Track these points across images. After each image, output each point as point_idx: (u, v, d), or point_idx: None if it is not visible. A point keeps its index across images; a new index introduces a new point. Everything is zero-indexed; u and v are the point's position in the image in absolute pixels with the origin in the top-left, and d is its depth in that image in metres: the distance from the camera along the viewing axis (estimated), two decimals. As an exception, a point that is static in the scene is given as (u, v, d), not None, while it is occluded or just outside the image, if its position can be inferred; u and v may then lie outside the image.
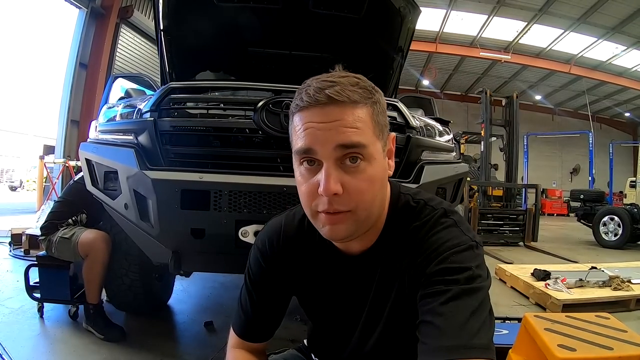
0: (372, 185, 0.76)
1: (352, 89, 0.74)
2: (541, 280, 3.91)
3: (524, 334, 1.75)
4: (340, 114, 0.73)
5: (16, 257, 4.65)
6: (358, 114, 0.74)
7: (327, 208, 0.75)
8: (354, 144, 0.73)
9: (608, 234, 8.32)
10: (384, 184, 0.82)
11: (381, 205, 0.83)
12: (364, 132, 0.74)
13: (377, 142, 0.77)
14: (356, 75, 0.79)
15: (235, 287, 3.72)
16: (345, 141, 0.72)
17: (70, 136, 9.83)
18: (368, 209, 0.78)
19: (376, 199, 0.79)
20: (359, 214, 0.77)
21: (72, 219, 2.70)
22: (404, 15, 2.95)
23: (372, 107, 0.76)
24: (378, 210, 0.82)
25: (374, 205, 0.79)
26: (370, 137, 0.75)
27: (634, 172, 9.61)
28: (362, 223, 0.79)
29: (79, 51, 9.95)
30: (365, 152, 0.74)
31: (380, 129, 0.78)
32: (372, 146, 0.75)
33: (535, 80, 19.98)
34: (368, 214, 0.79)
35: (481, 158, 9.33)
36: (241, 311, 1.00)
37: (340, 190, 0.73)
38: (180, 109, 2.13)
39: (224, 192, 1.85)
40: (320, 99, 0.73)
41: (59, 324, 2.69)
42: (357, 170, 0.74)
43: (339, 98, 0.72)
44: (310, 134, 0.74)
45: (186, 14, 2.96)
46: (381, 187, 0.81)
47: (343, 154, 0.73)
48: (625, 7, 12.71)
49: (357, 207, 0.76)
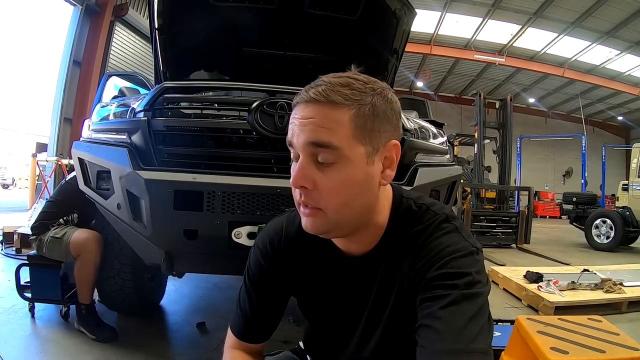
0: (346, 188, 0.76)
1: (338, 89, 0.74)
2: (533, 282, 3.92)
3: (517, 337, 1.75)
4: (316, 113, 0.74)
5: (8, 255, 4.60)
6: (334, 115, 0.74)
7: (298, 200, 0.79)
8: (323, 143, 0.73)
9: (600, 236, 8.40)
10: (366, 190, 0.79)
11: (364, 211, 0.81)
12: (336, 134, 0.73)
13: (358, 146, 0.75)
14: (353, 76, 0.77)
15: (228, 288, 3.71)
16: (313, 139, 0.74)
17: (63, 134, 9.77)
18: (339, 211, 0.77)
19: (353, 204, 0.78)
20: (329, 215, 0.77)
21: (64, 219, 2.67)
22: (400, 17, 2.95)
23: (356, 109, 0.74)
24: (359, 215, 0.81)
25: (348, 209, 0.78)
26: (346, 140, 0.74)
27: (626, 175, 9.66)
28: (338, 224, 0.79)
29: (73, 49, 9.91)
30: (338, 154, 0.74)
31: (367, 133, 0.76)
32: (347, 149, 0.74)
33: (529, 83, 20.12)
34: (341, 216, 0.78)
35: (474, 160, 9.36)
36: (239, 312, 1.00)
37: (307, 185, 0.75)
38: (174, 108, 2.12)
39: (217, 193, 1.84)
40: (305, 97, 0.75)
41: (51, 324, 2.67)
42: (329, 170, 0.75)
43: (317, 98, 0.74)
44: (291, 129, 0.78)
45: (181, 13, 2.95)
46: (361, 193, 0.78)
47: (315, 152, 0.75)
48: (620, 11, 12.81)
49: (327, 207, 0.76)
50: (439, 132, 2.47)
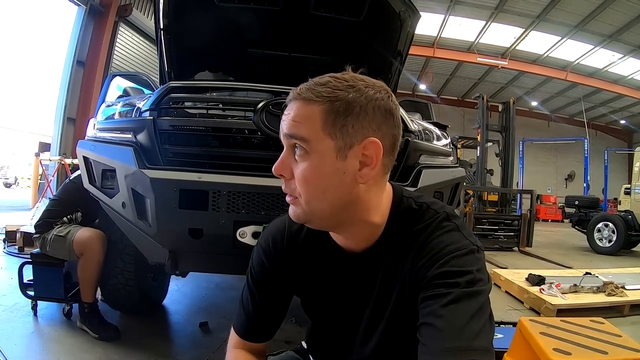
0: (315, 180, 0.78)
1: (313, 87, 0.78)
2: (536, 285, 3.92)
3: (519, 338, 1.75)
4: (292, 110, 0.79)
5: (10, 254, 4.61)
6: (305, 110, 0.78)
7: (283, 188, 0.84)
8: (292, 134, 0.79)
9: (602, 240, 8.38)
10: (337, 184, 0.78)
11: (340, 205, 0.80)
12: (306, 127, 0.77)
13: (327, 140, 0.76)
14: (336, 75, 0.79)
15: (230, 288, 3.72)
16: (287, 131, 0.80)
17: (67, 134, 9.78)
18: (311, 202, 0.79)
19: (323, 196, 0.78)
20: (303, 205, 0.81)
21: (67, 217, 2.68)
22: (404, 19, 2.96)
23: (326, 105, 0.76)
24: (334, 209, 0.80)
25: (320, 200, 0.79)
26: (316, 134, 0.77)
27: (629, 179, 9.66)
28: (313, 215, 0.82)
29: (77, 49, 9.91)
30: (309, 146, 0.77)
31: (338, 129, 0.76)
32: (316, 142, 0.77)
33: (532, 87, 20.08)
34: (313, 207, 0.80)
35: (477, 163, 9.36)
36: (242, 311, 1.00)
37: (285, 174, 0.82)
38: (180, 108, 2.13)
39: (222, 193, 1.84)
40: (290, 96, 0.81)
41: (53, 323, 2.68)
42: (301, 161, 0.79)
43: (294, 96, 0.80)
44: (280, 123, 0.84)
45: (186, 14, 2.96)
46: (331, 186, 0.78)
47: (291, 143, 0.80)
48: (623, 15, 12.80)
49: (300, 196, 0.81)
50: (443, 134, 2.48)
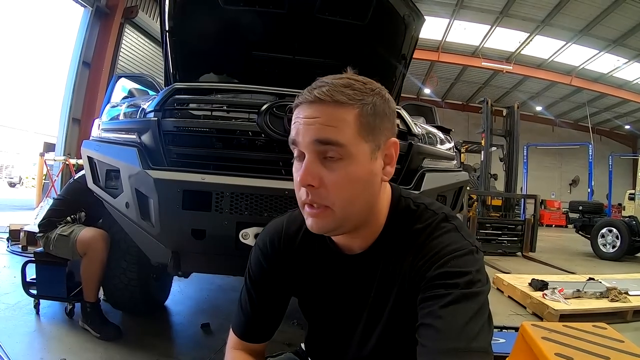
0: (352, 184, 0.78)
1: (341, 89, 0.77)
2: (539, 290, 3.91)
3: (522, 343, 1.75)
4: (321, 112, 0.76)
5: (14, 253, 4.64)
6: (338, 114, 0.76)
7: (304, 199, 0.80)
8: (329, 140, 0.76)
9: (606, 245, 8.34)
10: (369, 186, 0.81)
11: (366, 207, 0.83)
12: (342, 132, 0.76)
13: (363, 144, 0.78)
14: (352, 77, 0.80)
15: (232, 290, 3.72)
16: (319, 137, 0.76)
17: (71, 134, 9.85)
18: (346, 208, 0.79)
19: (358, 200, 0.80)
20: (336, 212, 0.79)
21: (71, 217, 2.69)
22: (408, 23, 2.96)
23: (359, 108, 0.77)
24: (362, 212, 0.82)
25: (354, 205, 0.80)
26: (351, 138, 0.76)
27: (633, 185, 9.62)
28: (343, 221, 0.81)
29: (83, 50, 10.00)
30: (344, 151, 0.76)
31: (370, 131, 0.78)
32: (353, 146, 0.77)
33: (537, 91, 20.07)
34: (347, 213, 0.80)
35: (481, 167, 9.34)
36: (241, 311, 1.01)
37: (314, 183, 0.77)
38: (184, 109, 2.13)
39: (225, 194, 1.85)
40: (309, 97, 0.78)
41: (55, 321, 2.69)
42: (336, 168, 0.77)
43: (322, 97, 0.76)
44: (295, 127, 0.80)
45: (192, 16, 2.97)
46: (365, 189, 0.80)
47: (321, 150, 0.77)
48: (628, 20, 12.78)
49: (334, 204, 0.78)
50: (446, 137, 2.47)
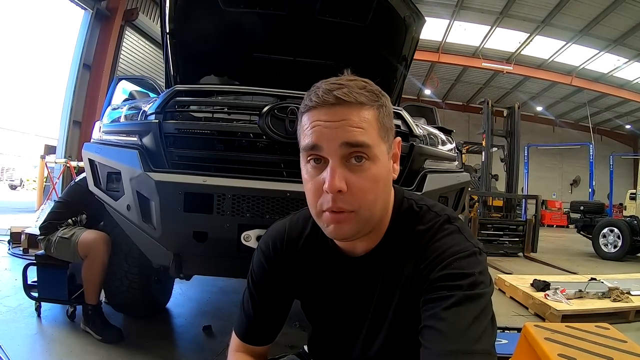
0: (376, 185, 0.78)
1: (359, 91, 0.77)
2: (540, 290, 3.90)
3: (524, 344, 1.74)
4: (347, 114, 0.75)
5: (15, 255, 4.64)
6: (364, 115, 0.76)
7: (331, 206, 0.77)
8: (359, 143, 0.75)
9: (607, 245, 8.32)
10: (387, 185, 0.83)
11: (384, 207, 0.84)
12: (368, 133, 0.76)
13: (382, 144, 0.79)
14: (363, 80, 0.81)
15: (234, 292, 3.72)
16: (350, 139, 0.75)
17: (72, 137, 9.85)
18: (370, 209, 0.79)
19: (379, 200, 0.81)
20: (361, 214, 0.78)
21: (72, 219, 2.69)
22: (409, 24, 2.96)
23: (378, 109, 0.78)
24: (381, 212, 0.83)
25: (376, 205, 0.80)
26: (375, 138, 0.77)
27: (634, 185, 9.65)
28: (365, 223, 0.80)
29: (83, 52, 10.01)
30: (370, 152, 0.76)
31: (386, 131, 0.80)
32: (376, 147, 0.77)
33: (537, 92, 20.08)
34: (370, 214, 0.80)
35: (482, 168, 9.34)
36: (243, 314, 1.01)
37: (344, 188, 0.75)
38: (186, 111, 2.13)
39: (227, 196, 1.84)
40: (328, 99, 0.75)
41: (57, 324, 2.68)
42: (362, 170, 0.76)
43: (346, 99, 0.75)
44: (317, 132, 0.76)
45: (192, 18, 2.98)
46: (384, 188, 0.82)
47: (348, 153, 0.75)
48: (628, 19, 12.78)
49: (360, 207, 0.77)
50: (448, 138, 2.47)
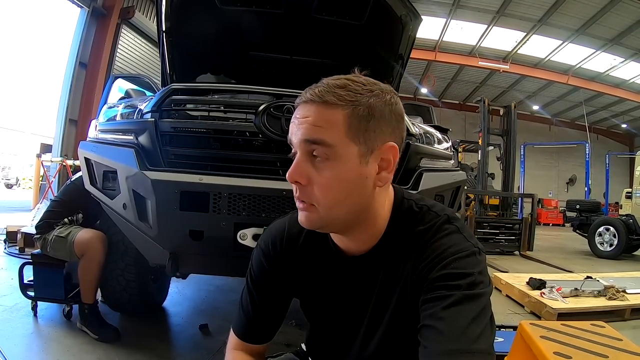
0: (338, 185, 0.78)
1: (333, 90, 0.76)
2: (536, 289, 3.91)
3: (520, 342, 1.75)
4: (311, 113, 0.77)
5: (11, 254, 4.61)
6: (328, 115, 0.76)
7: (296, 195, 0.81)
8: (315, 140, 0.76)
9: (603, 244, 8.37)
10: (358, 190, 0.79)
11: (355, 211, 0.81)
12: (329, 132, 0.76)
13: (352, 146, 0.77)
14: (352, 78, 0.79)
15: (231, 291, 3.72)
16: (307, 137, 0.77)
17: (68, 135, 9.82)
18: (331, 209, 0.79)
19: (344, 202, 0.79)
20: (321, 211, 0.79)
21: (69, 219, 2.68)
22: (405, 23, 2.96)
23: (350, 109, 0.76)
24: (350, 215, 0.81)
25: (340, 207, 0.79)
26: (339, 139, 0.76)
27: (630, 183, 9.66)
28: (331, 221, 0.81)
29: (79, 50, 9.97)
30: (331, 151, 0.76)
31: (361, 133, 0.77)
32: (340, 148, 0.76)
33: (534, 91, 20.12)
34: (332, 214, 0.80)
35: (478, 167, 9.36)
36: (242, 312, 1.00)
37: (302, 181, 0.78)
38: (182, 110, 2.13)
39: (223, 195, 1.84)
40: (304, 98, 0.79)
41: (53, 323, 2.67)
42: (322, 167, 0.77)
43: (312, 98, 0.77)
44: (290, 128, 0.81)
45: (189, 16, 2.97)
46: (353, 192, 0.79)
47: (310, 149, 0.77)
48: (624, 19, 12.83)
49: (319, 204, 0.79)
50: (444, 137, 2.48)
